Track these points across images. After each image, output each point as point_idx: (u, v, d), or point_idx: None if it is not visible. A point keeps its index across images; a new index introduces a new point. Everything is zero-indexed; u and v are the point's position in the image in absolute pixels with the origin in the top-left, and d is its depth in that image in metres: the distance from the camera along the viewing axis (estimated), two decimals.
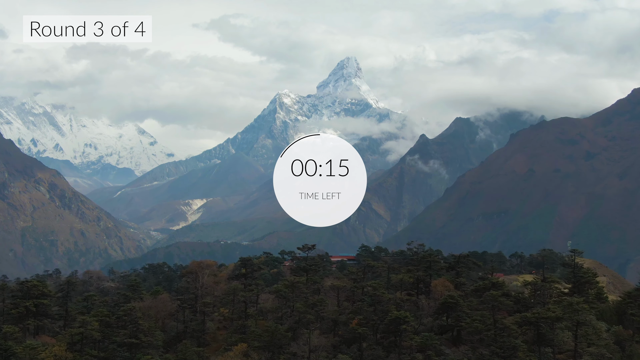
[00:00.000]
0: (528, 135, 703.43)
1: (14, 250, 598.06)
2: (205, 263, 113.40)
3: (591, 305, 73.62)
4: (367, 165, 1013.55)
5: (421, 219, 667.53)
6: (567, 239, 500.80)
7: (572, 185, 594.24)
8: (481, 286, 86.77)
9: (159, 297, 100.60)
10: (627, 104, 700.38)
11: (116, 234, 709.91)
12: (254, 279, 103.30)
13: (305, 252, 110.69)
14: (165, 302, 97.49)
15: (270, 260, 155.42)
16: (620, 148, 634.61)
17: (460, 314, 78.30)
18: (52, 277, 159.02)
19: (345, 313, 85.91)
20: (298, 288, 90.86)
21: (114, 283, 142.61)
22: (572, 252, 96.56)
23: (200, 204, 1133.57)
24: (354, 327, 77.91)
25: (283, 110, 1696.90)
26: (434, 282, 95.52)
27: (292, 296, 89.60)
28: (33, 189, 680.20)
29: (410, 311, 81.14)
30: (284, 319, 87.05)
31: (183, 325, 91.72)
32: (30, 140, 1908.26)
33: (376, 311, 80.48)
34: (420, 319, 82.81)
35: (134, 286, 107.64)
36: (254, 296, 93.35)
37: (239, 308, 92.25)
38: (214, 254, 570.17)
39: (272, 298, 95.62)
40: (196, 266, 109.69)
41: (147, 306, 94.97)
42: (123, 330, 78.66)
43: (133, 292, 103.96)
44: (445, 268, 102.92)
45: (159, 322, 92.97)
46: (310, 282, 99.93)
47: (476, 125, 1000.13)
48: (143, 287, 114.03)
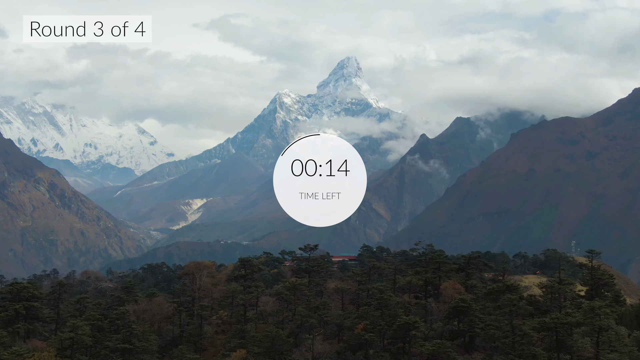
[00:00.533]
0: (529, 135, 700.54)
1: (14, 250, 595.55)
2: (203, 264, 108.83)
3: (611, 309, 69.48)
4: (368, 165, 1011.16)
5: (422, 218, 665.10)
6: (568, 238, 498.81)
7: (573, 185, 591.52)
8: (495, 289, 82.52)
9: (154, 300, 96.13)
10: (628, 104, 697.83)
11: (116, 234, 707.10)
12: (253, 280, 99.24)
13: (307, 252, 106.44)
14: (161, 305, 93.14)
15: (270, 260, 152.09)
16: (621, 148, 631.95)
17: (473, 319, 73.84)
18: (50, 278, 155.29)
19: (350, 317, 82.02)
20: (300, 290, 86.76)
21: (112, 283, 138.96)
22: (590, 252, 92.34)
23: (200, 203, 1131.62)
24: (359, 332, 73.97)
25: (283, 110, 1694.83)
26: (444, 284, 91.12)
27: (294, 299, 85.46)
28: (33, 189, 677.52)
29: (419, 315, 77.46)
30: (285, 323, 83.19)
31: (179, 329, 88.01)
32: (30, 140, 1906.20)
33: (383, 315, 76.25)
34: (431, 324, 78.60)
35: (128, 288, 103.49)
36: (254, 299, 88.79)
37: (238, 311, 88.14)
38: (214, 253, 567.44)
39: (273, 300, 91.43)
40: (193, 267, 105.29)
41: (142, 309, 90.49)
42: (115, 335, 74.89)
43: (127, 294, 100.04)
44: (454, 269, 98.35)
45: (154, 326, 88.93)
46: (313, 284, 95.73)
47: (477, 124, 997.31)
48: (138, 289, 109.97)
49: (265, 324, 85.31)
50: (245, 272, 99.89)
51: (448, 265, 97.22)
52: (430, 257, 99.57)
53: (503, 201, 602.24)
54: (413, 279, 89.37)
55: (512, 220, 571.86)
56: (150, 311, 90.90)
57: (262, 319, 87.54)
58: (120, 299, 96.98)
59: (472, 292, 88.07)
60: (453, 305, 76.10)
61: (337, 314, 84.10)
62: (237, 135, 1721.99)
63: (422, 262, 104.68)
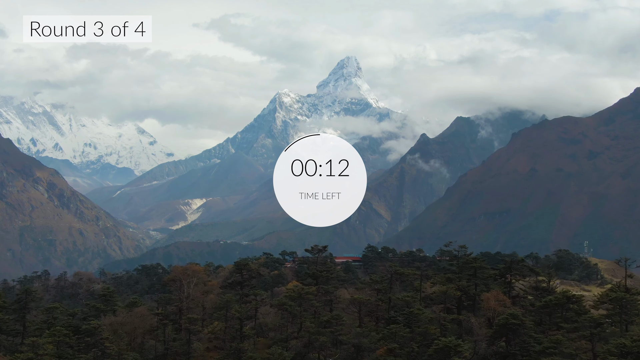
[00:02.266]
0: (530, 135, 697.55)
1: (12, 250, 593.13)
2: (192, 269, 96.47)
3: None
4: (368, 164, 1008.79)
5: (422, 218, 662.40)
6: (570, 238, 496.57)
7: (574, 184, 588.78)
8: (553, 301, 69.23)
9: (135, 310, 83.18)
10: (630, 103, 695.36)
11: (115, 234, 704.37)
12: (251, 287, 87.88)
13: (315, 254, 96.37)
14: (143, 317, 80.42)
15: (270, 261, 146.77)
16: (623, 147, 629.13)
17: (527, 340, 60.75)
18: (41, 279, 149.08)
19: (369, 335, 69.13)
20: (307, 300, 74.70)
21: (105, 285, 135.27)
22: (623, 260, 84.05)
23: (199, 203, 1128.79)
24: (383, 356, 60.98)
25: (283, 109, 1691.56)
26: (484, 295, 76.54)
27: (300, 310, 73.82)
28: (31, 188, 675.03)
29: (453, 333, 66.19)
30: (290, 341, 71.03)
31: (164, 346, 76.01)
32: (30, 139, 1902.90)
33: (414, 335, 62.83)
34: (475, 346, 64.11)
35: (106, 296, 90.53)
36: (252, 310, 76.37)
37: (233, 325, 74.49)
38: (213, 253, 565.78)
39: (275, 311, 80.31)
40: (180, 272, 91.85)
41: (120, 322, 78.93)
42: (84, 355, 65.17)
43: (105, 303, 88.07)
44: (493, 276, 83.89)
45: (135, 341, 77.96)
46: (322, 291, 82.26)
47: (477, 124, 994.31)
48: (117, 298, 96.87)
49: (266, 338, 75.95)
50: (242, 277, 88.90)
51: (486, 272, 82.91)
52: (463, 262, 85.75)
53: (504, 201, 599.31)
54: (449, 288, 75.83)
55: (513, 220, 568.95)
56: (130, 324, 78.63)
57: (262, 334, 77.11)
58: (97, 309, 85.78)
59: (519, 304, 75.44)
60: (501, 322, 62.47)
61: (355, 331, 71.42)
62: (236, 135, 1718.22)
63: (454, 267, 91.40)
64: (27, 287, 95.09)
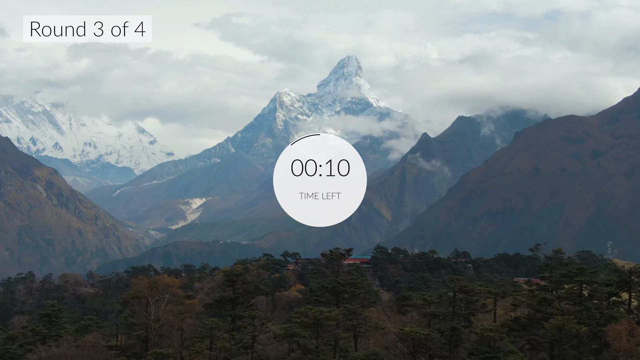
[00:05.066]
0: (533, 134, 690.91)
1: (10, 249, 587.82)
2: (162, 282, 66.20)
3: None
4: (368, 164, 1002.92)
5: (424, 218, 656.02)
6: (573, 238, 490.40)
7: (578, 184, 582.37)
8: None
9: (84, 340, 61.33)
10: (634, 102, 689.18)
11: (114, 233, 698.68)
12: (247, 306, 65.41)
13: (335, 261, 71.19)
14: (97, 348, 59.98)
15: (271, 263, 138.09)
16: (627, 146, 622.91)
17: None
18: (25, 281, 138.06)
19: None
20: (326, 329, 52.63)
21: (93, 288, 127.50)
22: None
23: (199, 203, 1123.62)
24: None
25: (283, 109, 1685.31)
26: (610, 327, 49.85)
27: (317, 344, 51.65)
28: (30, 187, 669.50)
29: None
30: None
31: None
32: (30, 138, 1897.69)
33: None
34: None
35: (50, 316, 70.05)
36: (248, 339, 55.68)
37: None
38: (213, 253, 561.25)
39: (279, 336, 56.29)
40: (145, 288, 64.12)
41: (62, 355, 57.88)
42: None
43: (49, 328, 67.88)
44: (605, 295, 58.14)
45: None
46: (347, 313, 57.83)
47: (479, 123, 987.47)
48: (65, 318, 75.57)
49: None
50: (234, 292, 64.84)
51: (599, 289, 56.10)
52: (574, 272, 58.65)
53: (507, 201, 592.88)
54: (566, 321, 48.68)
55: (516, 220, 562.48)
56: (77, 358, 57.39)
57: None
58: (39, 335, 65.67)
59: None
60: None
61: None
62: (236, 134, 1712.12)
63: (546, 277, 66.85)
64: None
